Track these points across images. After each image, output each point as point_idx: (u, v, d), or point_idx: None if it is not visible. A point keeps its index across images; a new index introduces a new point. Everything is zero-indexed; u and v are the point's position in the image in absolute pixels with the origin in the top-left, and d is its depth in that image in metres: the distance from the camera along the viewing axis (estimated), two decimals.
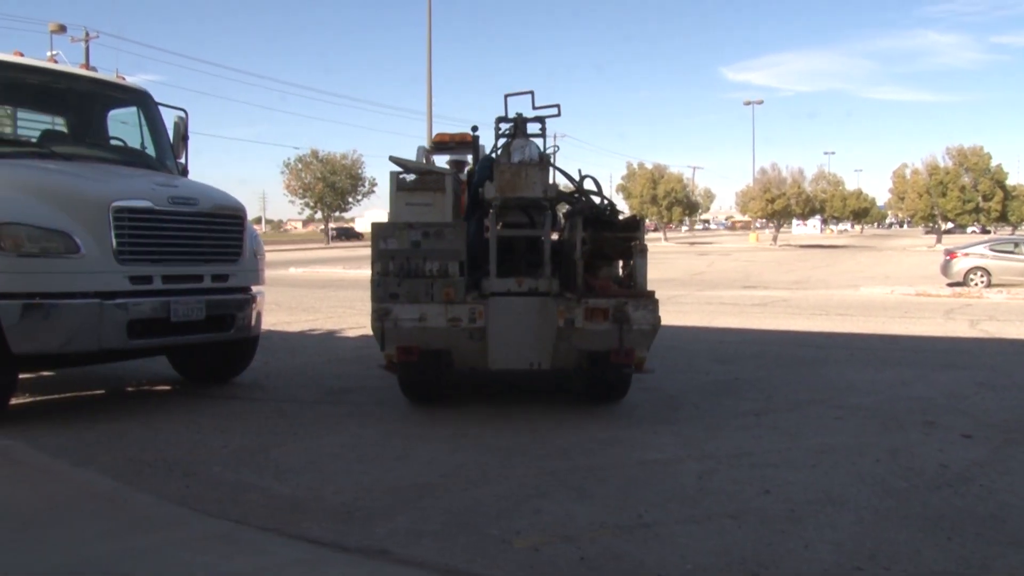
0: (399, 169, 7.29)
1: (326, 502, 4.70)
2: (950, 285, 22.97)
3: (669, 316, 7.29)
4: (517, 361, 6.68)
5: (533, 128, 7.35)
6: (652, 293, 6.37)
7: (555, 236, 7.47)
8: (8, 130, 8.27)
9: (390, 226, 6.56)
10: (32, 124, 8.36)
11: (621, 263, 7.72)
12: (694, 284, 24.83)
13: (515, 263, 7.13)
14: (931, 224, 66.58)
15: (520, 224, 7.10)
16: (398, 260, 6.43)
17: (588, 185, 7.39)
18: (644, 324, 6.28)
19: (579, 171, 7.50)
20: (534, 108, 7.49)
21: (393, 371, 6.84)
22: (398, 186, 7.05)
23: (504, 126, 7.40)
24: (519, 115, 7.30)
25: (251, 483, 5.06)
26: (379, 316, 6.37)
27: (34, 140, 7.96)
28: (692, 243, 71.85)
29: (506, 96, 7.54)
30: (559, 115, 7.47)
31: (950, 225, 66.61)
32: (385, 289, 6.41)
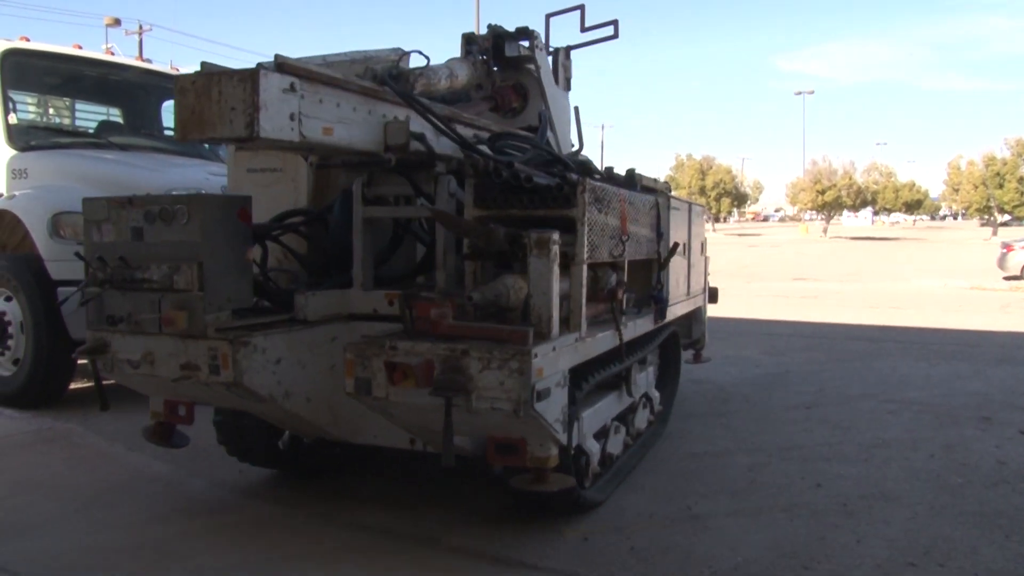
0: None
1: (377, 490, 4.75)
2: (1006, 279, 22.46)
3: (720, 308, 7.12)
4: (381, 435, 3.94)
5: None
6: (526, 335, 3.18)
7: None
8: (67, 121, 8.47)
9: (102, 204, 3.80)
10: (89, 115, 8.54)
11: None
12: (743, 276, 24.61)
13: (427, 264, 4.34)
14: (986, 216, 65.21)
15: (399, 198, 4.16)
16: (117, 259, 3.71)
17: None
18: (499, 400, 3.14)
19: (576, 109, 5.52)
20: (583, 30, 5.88)
21: (164, 441, 4.11)
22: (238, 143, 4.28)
23: (474, 47, 5.18)
24: (493, 27, 5.24)
25: None
26: (90, 352, 3.77)
27: (91, 131, 8.13)
28: (740, 234, 71.15)
29: (547, 16, 5.75)
30: (616, 36, 5.80)
31: (1006, 217, 65.17)
32: (99, 308, 3.79)
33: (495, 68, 5.34)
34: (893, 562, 3.72)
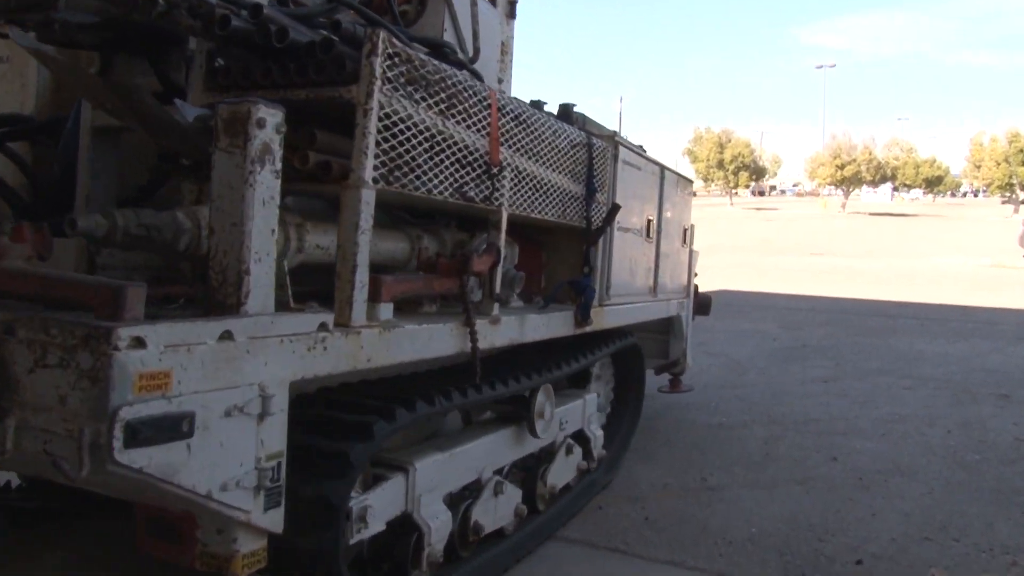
0: None
1: None
2: None
3: (737, 282, 7.07)
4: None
5: None
6: (116, 296, 1.58)
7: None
8: None
9: None
10: None
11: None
12: (762, 250, 24.50)
13: None
14: (1008, 194, 64.52)
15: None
16: None
17: None
18: (54, 433, 1.51)
19: None
20: None
21: None
22: None
23: None
24: None
25: None
26: None
27: None
28: (758, 208, 70.76)
29: None
30: None
31: None
32: None
33: None
34: (908, 536, 3.72)
